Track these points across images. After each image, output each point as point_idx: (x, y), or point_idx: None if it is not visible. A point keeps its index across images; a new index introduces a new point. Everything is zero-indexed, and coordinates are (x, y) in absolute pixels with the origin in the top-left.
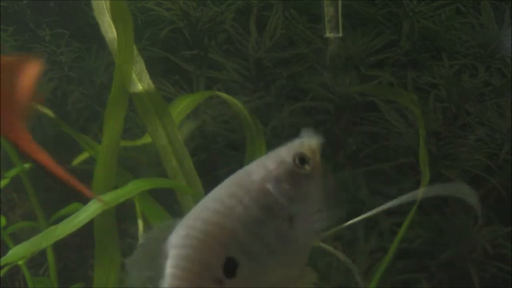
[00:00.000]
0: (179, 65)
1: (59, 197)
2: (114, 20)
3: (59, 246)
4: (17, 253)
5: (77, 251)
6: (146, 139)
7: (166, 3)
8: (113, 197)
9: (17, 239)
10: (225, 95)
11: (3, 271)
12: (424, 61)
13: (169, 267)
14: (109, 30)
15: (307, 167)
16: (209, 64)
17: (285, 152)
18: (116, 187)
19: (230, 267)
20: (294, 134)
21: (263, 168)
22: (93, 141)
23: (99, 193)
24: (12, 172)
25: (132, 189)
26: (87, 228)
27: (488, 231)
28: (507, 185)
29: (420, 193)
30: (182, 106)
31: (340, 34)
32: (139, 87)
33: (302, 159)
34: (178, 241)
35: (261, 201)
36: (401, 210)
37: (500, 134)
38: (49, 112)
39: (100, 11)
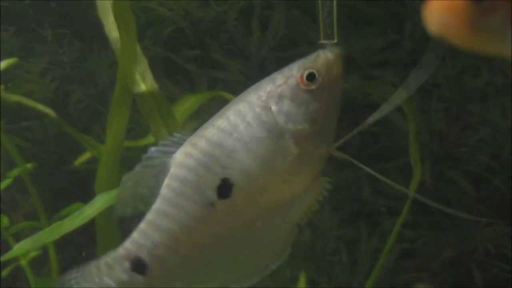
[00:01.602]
0: (182, 65)
1: (61, 197)
2: (117, 20)
3: (62, 246)
4: (23, 247)
5: (79, 251)
6: (149, 139)
7: (169, 3)
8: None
9: (20, 239)
10: (228, 95)
11: (6, 270)
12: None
13: (164, 187)
14: (113, 30)
15: (313, 83)
16: (212, 64)
17: (297, 67)
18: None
19: (225, 188)
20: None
21: (272, 83)
22: (95, 141)
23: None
24: (14, 172)
25: None
26: (90, 228)
27: (490, 231)
28: (509, 185)
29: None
30: (185, 106)
31: (335, 41)
32: (142, 87)
33: (311, 75)
34: (179, 158)
35: (263, 118)
36: (403, 210)
37: (502, 134)
38: (51, 112)
39: (104, 11)
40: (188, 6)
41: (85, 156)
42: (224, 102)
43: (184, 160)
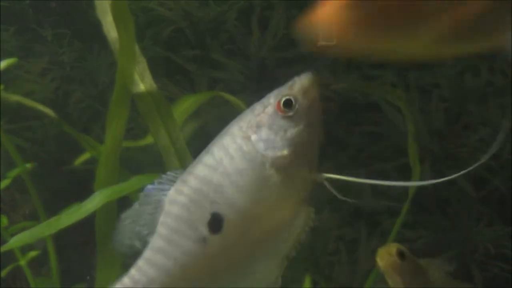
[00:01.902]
0: (182, 65)
1: (61, 197)
2: (115, 20)
3: (61, 247)
4: (20, 240)
5: (79, 252)
6: (148, 140)
7: (169, 3)
8: (115, 191)
9: None
10: (227, 95)
11: (6, 270)
12: (426, 61)
13: (159, 225)
14: (111, 30)
15: (291, 110)
16: (211, 64)
17: (274, 95)
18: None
19: (216, 223)
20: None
21: (251, 113)
22: (94, 141)
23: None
24: (14, 172)
25: (134, 183)
26: (89, 228)
27: (490, 231)
28: (509, 185)
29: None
30: (184, 106)
31: (334, 42)
32: (141, 87)
33: (287, 102)
34: (172, 195)
35: (244, 148)
36: (403, 210)
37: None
38: (50, 112)
39: (103, 11)
40: (188, 6)
41: (84, 156)
42: (224, 102)
43: (176, 197)
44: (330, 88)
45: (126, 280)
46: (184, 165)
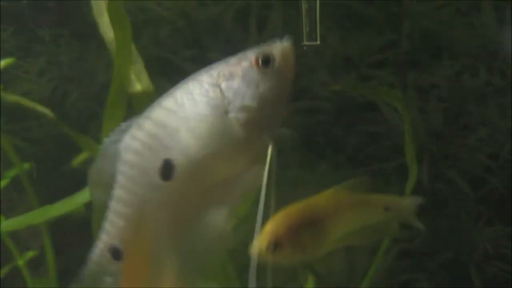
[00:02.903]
0: (179, 65)
1: (59, 197)
2: (111, 20)
3: (59, 246)
4: (11, 225)
5: (76, 251)
6: None
7: (166, 3)
8: None
9: (17, 239)
10: None
11: (4, 270)
12: (424, 61)
13: (118, 173)
14: (108, 30)
15: (268, 68)
16: (209, 64)
17: (252, 51)
18: None
19: (167, 170)
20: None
21: (224, 63)
22: (92, 142)
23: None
24: (12, 172)
25: None
26: (86, 228)
27: (488, 231)
28: (508, 185)
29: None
30: None
31: (318, 42)
32: (138, 87)
33: (266, 60)
34: (126, 142)
35: (210, 94)
36: None
37: (501, 134)
38: (48, 112)
39: (99, 11)
40: (185, 6)
41: (82, 156)
42: None
43: (130, 143)
44: (328, 88)
45: (103, 235)
46: None
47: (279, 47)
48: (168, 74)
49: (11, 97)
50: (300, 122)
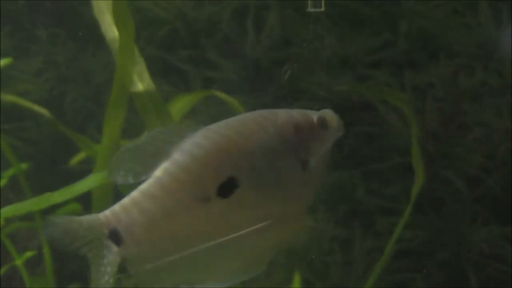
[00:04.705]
0: (176, 65)
1: None
2: (116, 21)
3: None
4: (9, 211)
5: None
6: None
7: (163, 3)
8: None
9: (15, 239)
10: (222, 95)
11: (2, 270)
12: (421, 61)
13: (160, 170)
14: (109, 30)
15: (325, 129)
16: (206, 64)
17: (311, 112)
18: (115, 188)
19: (229, 187)
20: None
21: (288, 114)
22: (90, 141)
23: (99, 192)
24: (9, 172)
25: None
26: None
27: (485, 231)
28: (504, 185)
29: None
30: (179, 105)
31: (322, 9)
32: (139, 86)
33: (323, 122)
34: (187, 147)
35: (283, 135)
36: (398, 210)
37: (498, 134)
38: (45, 112)
39: (100, 11)
40: (183, 6)
41: (80, 156)
42: (219, 102)
43: (193, 149)
44: (335, 89)
45: (109, 215)
46: None
47: (330, 115)
48: (165, 74)
49: (8, 97)
50: None
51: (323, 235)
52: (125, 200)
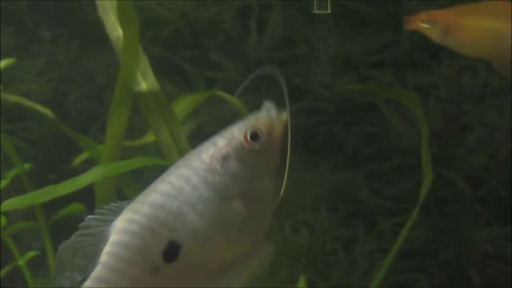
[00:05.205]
0: (179, 65)
1: (59, 197)
2: (120, 20)
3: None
4: (11, 204)
5: None
6: (148, 138)
7: (166, 3)
8: (114, 167)
9: (17, 239)
10: (225, 95)
11: (4, 270)
12: (423, 61)
13: (104, 255)
14: (114, 29)
15: (257, 144)
16: (209, 64)
17: (238, 128)
18: (118, 188)
19: (172, 251)
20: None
21: (213, 146)
22: (93, 141)
23: (102, 192)
24: (12, 172)
25: (134, 162)
26: None
27: (487, 231)
28: (507, 185)
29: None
30: (182, 105)
31: (329, 11)
32: (143, 86)
33: (254, 135)
34: (121, 225)
35: (210, 180)
36: (400, 210)
37: (500, 135)
38: (48, 112)
39: (105, 10)
40: (185, 6)
41: (83, 156)
42: (221, 102)
43: (127, 226)
44: (344, 89)
45: None
46: None
47: (263, 119)
48: (168, 74)
49: (11, 97)
50: (300, 122)
51: (326, 236)
52: None
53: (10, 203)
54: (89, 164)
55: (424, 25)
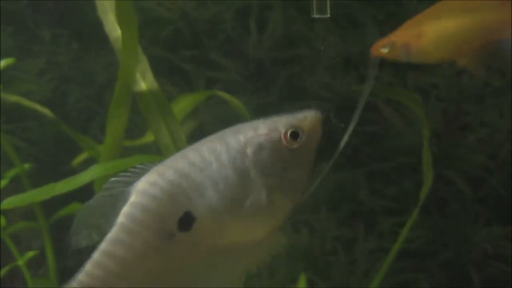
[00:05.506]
0: (179, 65)
1: (59, 197)
2: (119, 20)
3: (59, 247)
4: (12, 202)
5: (76, 252)
6: (148, 138)
7: (166, 3)
8: (113, 165)
9: (17, 239)
10: (225, 95)
11: (3, 271)
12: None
13: (121, 216)
14: (113, 29)
15: (296, 143)
16: (209, 64)
17: (283, 121)
18: None
19: (186, 221)
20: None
21: (253, 130)
22: (92, 141)
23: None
24: (12, 172)
25: (134, 160)
26: None
27: (487, 231)
28: (507, 185)
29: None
30: (182, 105)
31: (328, 15)
32: (142, 86)
33: (295, 134)
34: (143, 186)
35: (238, 163)
36: (400, 210)
37: (500, 135)
38: (48, 112)
39: (104, 10)
40: (185, 6)
41: (82, 156)
42: (221, 102)
43: (148, 188)
44: (352, 90)
45: (82, 277)
46: None
47: (308, 121)
48: (168, 74)
49: (11, 97)
50: None
51: (326, 235)
52: (95, 255)
53: (10, 201)
54: (89, 164)
55: (384, 50)
